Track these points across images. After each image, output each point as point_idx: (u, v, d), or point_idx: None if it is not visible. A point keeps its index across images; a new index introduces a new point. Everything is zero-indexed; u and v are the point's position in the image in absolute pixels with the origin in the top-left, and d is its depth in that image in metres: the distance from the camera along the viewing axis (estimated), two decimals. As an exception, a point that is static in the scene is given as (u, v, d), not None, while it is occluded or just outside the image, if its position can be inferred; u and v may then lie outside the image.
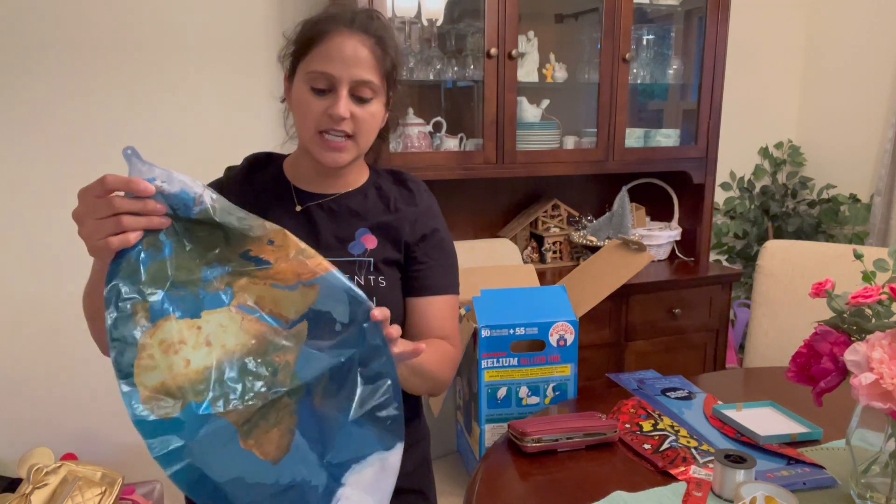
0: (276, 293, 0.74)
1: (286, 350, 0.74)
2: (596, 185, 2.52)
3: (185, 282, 0.72)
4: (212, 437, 0.70)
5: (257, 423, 0.72)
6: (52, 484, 1.66)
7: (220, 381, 0.71)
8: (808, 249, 1.88)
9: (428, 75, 2.06)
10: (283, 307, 0.75)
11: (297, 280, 0.75)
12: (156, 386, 0.69)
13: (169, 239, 0.72)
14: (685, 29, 2.39)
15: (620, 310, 2.10)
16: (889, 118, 2.51)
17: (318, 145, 1.00)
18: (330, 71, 0.98)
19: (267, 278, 0.74)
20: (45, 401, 1.97)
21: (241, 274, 0.74)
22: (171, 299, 0.71)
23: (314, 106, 0.99)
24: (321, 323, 0.75)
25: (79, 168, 1.92)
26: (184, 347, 0.70)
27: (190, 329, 0.71)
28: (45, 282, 1.93)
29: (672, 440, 1.15)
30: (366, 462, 0.77)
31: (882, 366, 0.83)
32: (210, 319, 0.72)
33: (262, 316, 0.74)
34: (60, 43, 1.85)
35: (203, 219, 0.72)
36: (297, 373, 0.74)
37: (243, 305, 0.74)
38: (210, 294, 0.73)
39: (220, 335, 0.72)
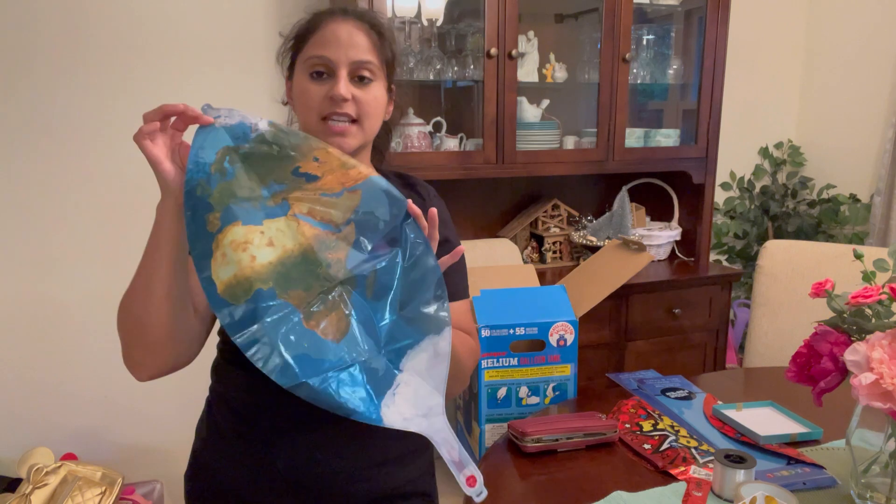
0: (324, 201, 0.86)
1: (338, 249, 0.85)
2: (596, 185, 2.52)
3: (247, 198, 0.84)
4: (278, 319, 0.81)
5: (318, 307, 0.84)
6: (52, 484, 1.66)
7: (282, 273, 0.83)
8: (808, 249, 1.88)
9: (428, 75, 2.06)
10: (333, 213, 0.86)
11: (342, 188, 0.86)
12: (229, 279, 0.81)
13: (233, 166, 0.84)
14: (685, 29, 2.39)
15: (620, 310, 2.10)
16: (889, 118, 2.52)
17: (322, 133, 0.99)
18: (326, 54, 0.97)
19: (316, 190, 0.86)
20: (45, 401, 1.97)
21: (294, 188, 0.85)
22: (237, 211, 0.83)
23: (314, 92, 0.98)
24: (366, 222, 0.86)
25: (79, 168, 1.92)
26: (250, 247, 0.83)
27: (253, 233, 0.83)
28: (45, 282, 1.93)
29: (672, 440, 1.15)
30: (419, 348, 0.86)
31: (882, 366, 0.83)
32: (271, 226, 0.84)
33: (315, 222, 0.85)
34: (62, 43, 1.85)
35: (259, 143, 0.85)
36: (347, 268, 0.86)
37: (298, 214, 0.85)
38: (269, 207, 0.85)
39: (280, 237, 0.84)
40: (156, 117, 0.82)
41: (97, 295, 1.98)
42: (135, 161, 1.97)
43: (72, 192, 1.92)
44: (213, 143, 0.84)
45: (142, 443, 2.08)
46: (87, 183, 1.93)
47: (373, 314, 0.86)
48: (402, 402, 0.85)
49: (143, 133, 0.81)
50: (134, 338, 0.89)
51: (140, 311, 0.87)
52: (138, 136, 0.82)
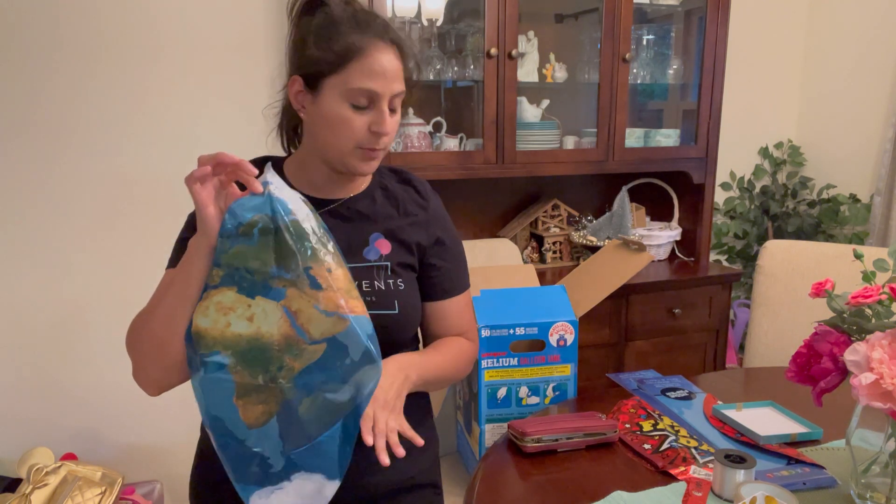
0: (313, 313, 0.89)
1: (298, 358, 0.89)
2: (596, 185, 2.52)
3: (255, 270, 0.89)
4: (217, 382, 0.90)
5: (250, 393, 0.90)
6: (52, 484, 1.66)
7: (244, 350, 0.89)
8: (808, 249, 1.88)
9: (428, 75, 2.06)
10: (313, 326, 0.89)
11: (335, 310, 0.89)
12: (202, 328, 0.89)
13: (259, 234, 0.88)
14: (685, 29, 2.39)
15: (620, 310, 2.10)
16: (889, 118, 2.51)
17: (356, 158, 1.00)
18: (374, 88, 0.96)
19: (313, 299, 0.89)
20: (45, 401, 1.97)
21: (297, 285, 0.89)
22: (239, 277, 0.89)
23: (356, 123, 0.97)
24: (335, 352, 0.89)
25: (81, 168, 1.92)
26: (231, 314, 0.89)
27: (241, 303, 0.89)
28: (45, 282, 1.93)
29: (672, 440, 1.15)
30: (311, 476, 0.93)
31: (882, 366, 0.83)
32: (259, 304, 0.89)
33: (294, 324, 0.89)
34: (62, 44, 1.85)
35: (292, 228, 0.88)
36: (296, 379, 0.90)
37: (287, 308, 0.89)
38: (270, 287, 0.89)
39: (261, 318, 0.89)
40: (210, 163, 0.85)
41: (97, 295, 1.98)
42: (137, 164, 1.98)
43: (73, 194, 1.92)
44: (255, 206, 0.88)
45: (142, 443, 2.08)
46: (89, 184, 1.93)
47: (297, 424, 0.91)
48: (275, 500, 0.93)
49: (194, 177, 0.85)
50: (152, 360, 0.93)
51: (163, 337, 0.90)
52: (189, 180, 0.85)
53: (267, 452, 0.91)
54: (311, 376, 0.90)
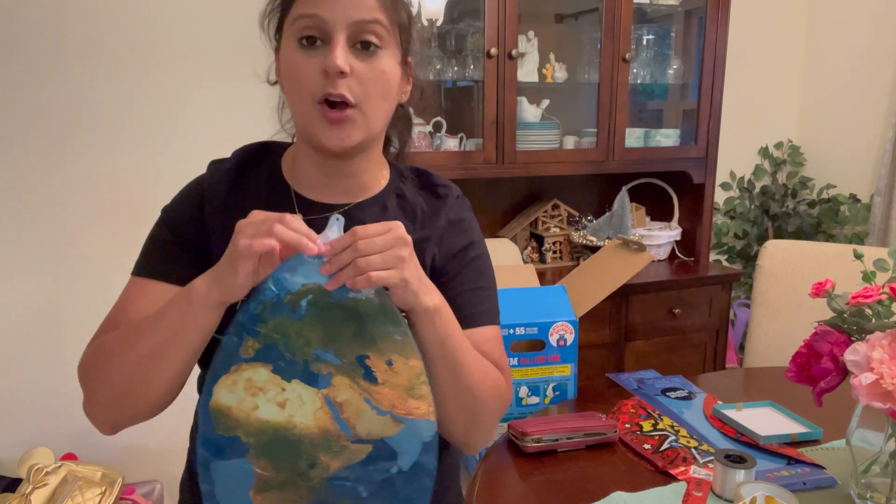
0: (363, 408, 0.75)
1: (336, 456, 0.75)
2: (596, 185, 2.52)
3: (297, 349, 0.74)
4: (234, 472, 0.75)
5: (272, 490, 0.76)
6: (52, 484, 1.66)
7: (270, 440, 0.75)
8: (808, 249, 1.88)
9: (428, 75, 2.05)
10: (361, 423, 0.75)
11: (389, 409, 0.75)
12: (223, 406, 0.74)
13: (309, 307, 0.73)
14: (685, 29, 2.39)
15: (620, 310, 2.10)
16: (889, 118, 2.51)
17: (317, 121, 0.76)
18: (318, 12, 0.74)
19: (365, 392, 0.74)
20: (45, 401, 1.97)
21: (347, 374, 0.74)
22: (276, 355, 0.74)
23: (304, 66, 0.75)
24: (382, 456, 0.75)
25: (81, 169, 1.91)
26: (261, 395, 0.74)
27: (275, 385, 0.74)
28: (45, 282, 1.93)
29: (672, 440, 1.15)
30: None
31: (882, 366, 0.83)
32: (296, 389, 0.74)
33: (338, 417, 0.75)
34: (61, 44, 1.85)
35: (349, 305, 0.73)
36: (328, 480, 0.76)
37: (329, 398, 0.75)
38: (310, 371, 0.74)
39: (294, 406, 0.75)
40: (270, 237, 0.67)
41: (98, 295, 1.97)
42: (136, 164, 1.98)
43: (73, 194, 1.92)
44: (307, 272, 0.73)
45: (142, 443, 2.08)
46: (89, 185, 1.93)
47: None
48: None
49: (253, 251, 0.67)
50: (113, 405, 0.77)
51: (133, 385, 0.75)
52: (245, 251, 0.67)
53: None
54: (349, 481, 0.75)
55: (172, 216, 0.86)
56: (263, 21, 0.83)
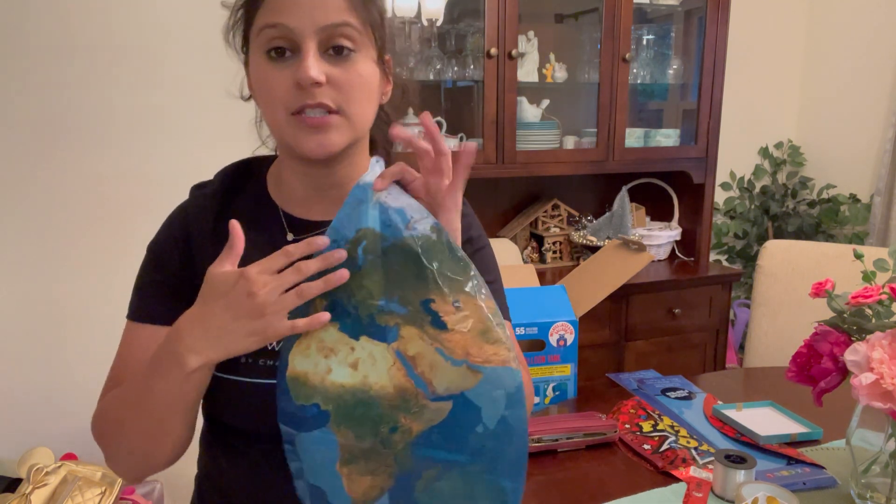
0: (436, 359, 0.68)
1: (416, 417, 0.69)
2: (596, 185, 2.52)
3: (360, 302, 0.70)
4: (319, 442, 0.71)
5: (357, 460, 0.71)
6: (52, 484, 1.66)
7: (347, 404, 0.70)
8: (808, 249, 1.88)
9: (428, 75, 2.06)
10: (437, 377, 0.68)
11: (464, 358, 0.68)
12: (300, 373, 0.70)
13: (366, 255, 0.69)
14: (685, 29, 2.40)
15: (620, 310, 2.10)
16: (889, 118, 2.51)
17: (294, 130, 0.72)
18: (284, 21, 0.69)
19: (435, 341, 0.68)
20: (45, 401, 1.97)
21: (414, 323, 0.69)
22: (342, 311, 0.70)
23: (276, 79, 0.71)
24: (464, 413, 0.68)
25: (79, 170, 1.91)
26: (332, 357, 0.70)
27: (344, 345, 0.70)
28: (45, 282, 1.93)
29: (672, 441, 1.15)
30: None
31: (882, 366, 0.83)
32: (365, 347, 0.70)
33: (412, 373, 0.69)
34: (61, 44, 1.85)
35: (407, 245, 0.69)
36: (412, 446, 0.70)
37: (401, 352, 0.69)
38: (377, 325, 0.69)
39: (367, 366, 0.70)
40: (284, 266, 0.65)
41: (98, 295, 1.98)
42: (136, 164, 1.98)
43: (73, 194, 1.92)
44: (360, 217, 0.70)
45: (142, 443, 2.08)
46: (89, 185, 1.93)
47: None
48: None
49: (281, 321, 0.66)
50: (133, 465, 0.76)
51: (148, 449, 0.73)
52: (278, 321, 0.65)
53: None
54: (433, 444, 0.69)
55: (158, 254, 0.82)
56: (227, 35, 0.79)
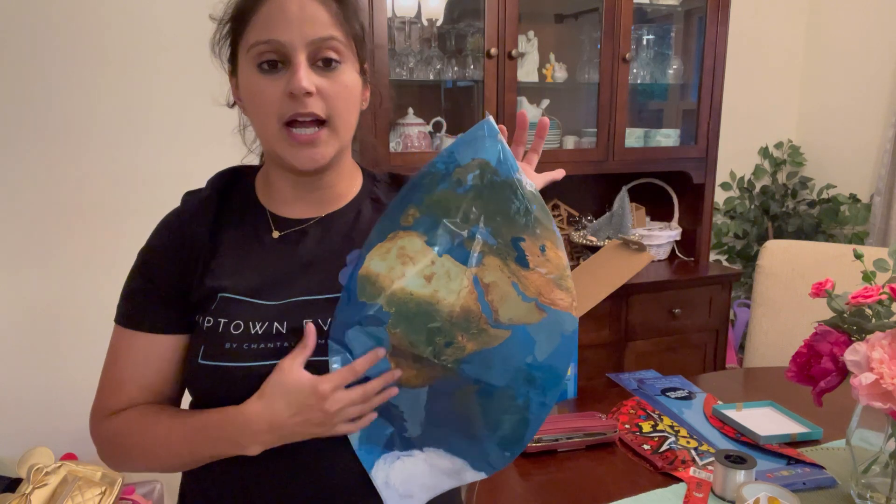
0: (509, 291, 0.73)
1: (473, 338, 0.74)
2: (596, 185, 2.52)
3: (455, 223, 0.74)
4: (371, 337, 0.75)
5: (406, 359, 0.75)
6: (52, 484, 1.66)
7: (410, 311, 0.74)
8: (808, 249, 1.88)
9: (428, 75, 2.06)
10: (504, 307, 0.74)
11: (535, 296, 0.74)
12: (372, 274, 0.75)
13: (474, 181, 0.73)
14: (685, 29, 2.39)
15: (620, 310, 2.10)
16: (889, 118, 2.51)
17: (285, 145, 0.77)
18: (275, 36, 0.74)
19: (514, 276, 0.73)
20: (45, 401, 1.97)
21: (499, 255, 0.74)
22: (432, 227, 0.74)
23: (268, 90, 0.75)
24: (520, 346, 0.74)
25: (81, 170, 1.91)
26: (409, 266, 0.74)
27: (425, 256, 0.74)
28: (45, 282, 1.93)
29: (672, 441, 1.15)
30: (452, 456, 0.78)
31: (882, 366, 0.83)
32: (445, 264, 0.74)
33: (482, 298, 0.73)
34: (61, 44, 1.85)
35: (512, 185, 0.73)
36: (463, 363, 0.74)
37: (477, 278, 0.74)
38: (463, 248, 0.74)
39: (440, 281, 0.74)
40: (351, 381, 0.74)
41: (98, 295, 1.97)
42: (135, 162, 1.98)
43: (75, 194, 1.92)
44: (478, 148, 0.74)
45: (142, 443, 2.08)
46: (90, 184, 1.93)
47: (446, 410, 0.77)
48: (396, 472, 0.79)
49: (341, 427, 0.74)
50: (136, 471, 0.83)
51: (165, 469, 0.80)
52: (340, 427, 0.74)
53: (406, 413, 0.77)
54: (481, 366, 0.74)
55: (149, 261, 0.83)
56: (215, 48, 0.83)
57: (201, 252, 0.81)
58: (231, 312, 0.77)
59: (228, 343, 0.76)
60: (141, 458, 0.79)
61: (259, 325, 0.76)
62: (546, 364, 0.74)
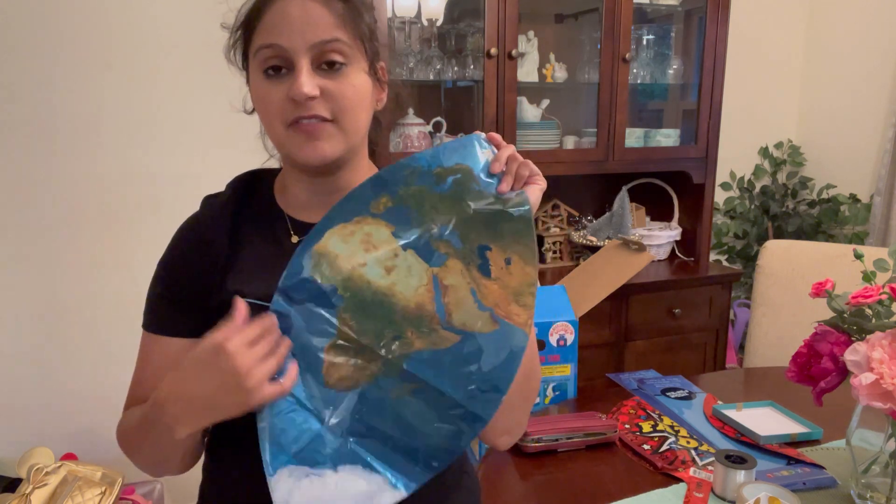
0: (465, 298, 0.74)
1: (422, 337, 0.74)
2: (596, 185, 2.52)
3: (425, 220, 0.74)
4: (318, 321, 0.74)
5: (347, 351, 0.74)
6: (52, 484, 1.66)
7: (365, 300, 0.73)
8: (808, 249, 1.88)
9: (428, 75, 2.06)
10: (458, 312, 0.73)
11: (492, 307, 0.73)
12: (331, 253, 0.74)
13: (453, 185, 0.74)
14: (685, 29, 2.39)
15: (620, 310, 2.10)
16: (889, 118, 2.51)
17: (291, 141, 0.77)
18: (277, 41, 0.74)
19: (474, 282, 0.74)
20: (45, 401, 1.97)
21: (463, 259, 0.74)
22: (403, 219, 0.74)
23: (272, 94, 0.76)
24: (467, 353, 0.73)
25: (83, 168, 1.91)
26: (372, 253, 0.74)
27: (389, 246, 0.74)
28: (46, 281, 1.93)
29: (672, 441, 1.15)
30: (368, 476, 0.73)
31: (882, 366, 0.83)
32: (408, 258, 0.74)
33: (438, 299, 0.73)
34: (60, 45, 1.85)
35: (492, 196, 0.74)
36: (407, 358, 0.74)
37: (437, 278, 0.74)
38: (429, 247, 0.74)
39: (400, 275, 0.74)
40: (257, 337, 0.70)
41: (98, 295, 1.98)
42: (140, 163, 1.98)
43: (75, 192, 1.92)
44: (465, 155, 0.75)
45: (142, 443, 2.08)
46: (91, 183, 1.93)
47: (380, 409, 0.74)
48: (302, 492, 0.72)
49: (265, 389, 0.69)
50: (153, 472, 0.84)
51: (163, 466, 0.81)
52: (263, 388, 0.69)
53: (327, 421, 0.73)
54: (425, 365, 0.73)
55: (170, 269, 0.84)
56: (229, 54, 0.84)
57: (220, 256, 0.81)
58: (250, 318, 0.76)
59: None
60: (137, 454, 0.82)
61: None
62: (489, 375, 0.73)
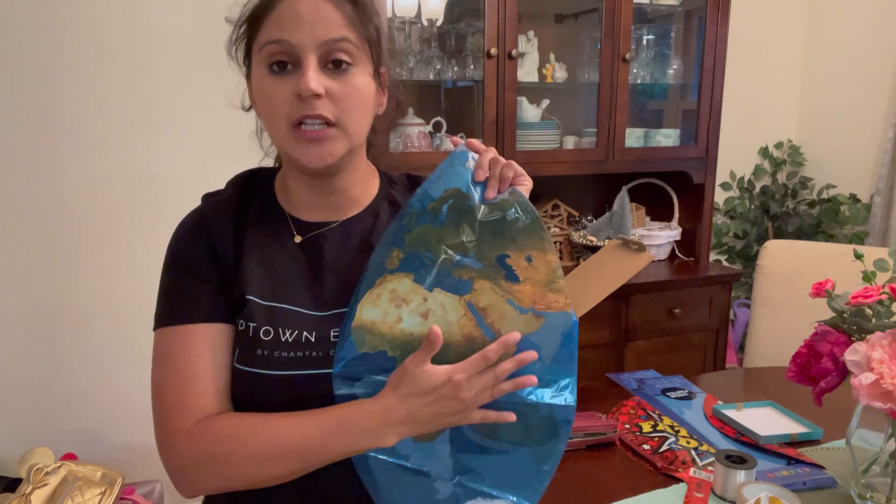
0: (506, 310, 0.75)
1: None
2: (596, 185, 2.52)
3: (437, 255, 0.75)
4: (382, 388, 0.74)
5: None
6: (52, 484, 1.66)
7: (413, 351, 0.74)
8: (808, 249, 1.88)
9: (428, 75, 2.06)
10: (505, 325, 0.75)
11: (531, 307, 0.75)
12: (368, 322, 0.75)
13: (449, 212, 0.75)
14: (685, 29, 2.39)
15: (620, 310, 2.10)
16: (889, 118, 2.51)
17: (294, 143, 0.76)
18: (286, 37, 0.74)
19: (507, 293, 0.75)
20: (45, 401, 1.97)
21: (488, 277, 0.75)
22: (418, 263, 0.75)
23: (277, 91, 0.75)
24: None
25: (83, 168, 1.91)
26: (404, 307, 0.75)
27: (416, 294, 0.75)
28: (46, 282, 1.93)
29: (672, 441, 1.15)
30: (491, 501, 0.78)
31: (882, 366, 0.83)
32: (437, 298, 0.75)
33: (482, 323, 0.75)
34: (61, 44, 1.85)
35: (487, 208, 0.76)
36: None
37: (472, 304, 0.75)
38: (452, 278, 0.75)
39: (438, 316, 0.75)
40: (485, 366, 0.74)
41: (99, 295, 1.98)
42: (139, 162, 1.98)
43: (76, 193, 1.92)
44: (450, 179, 0.76)
45: (142, 443, 2.08)
46: (91, 183, 1.93)
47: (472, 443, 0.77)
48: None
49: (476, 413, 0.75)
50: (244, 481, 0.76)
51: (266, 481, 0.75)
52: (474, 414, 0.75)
53: (433, 474, 0.76)
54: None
55: (181, 258, 0.82)
56: (231, 49, 0.83)
57: (228, 250, 0.81)
58: (260, 318, 0.78)
59: (260, 350, 0.77)
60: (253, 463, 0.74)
61: (289, 333, 0.77)
62: (553, 367, 0.77)
